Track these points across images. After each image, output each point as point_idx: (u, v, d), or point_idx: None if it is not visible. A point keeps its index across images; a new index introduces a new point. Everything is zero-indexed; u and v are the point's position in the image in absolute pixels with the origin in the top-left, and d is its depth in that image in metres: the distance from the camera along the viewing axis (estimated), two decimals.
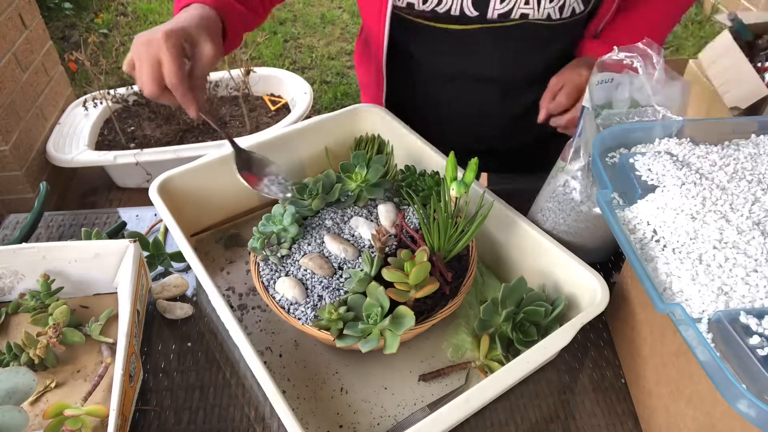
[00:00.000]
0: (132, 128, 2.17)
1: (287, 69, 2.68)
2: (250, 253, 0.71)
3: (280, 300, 0.66)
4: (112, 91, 2.11)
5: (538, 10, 0.75)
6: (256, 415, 0.67)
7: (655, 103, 0.67)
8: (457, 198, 0.65)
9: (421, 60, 0.90)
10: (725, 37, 1.91)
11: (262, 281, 0.68)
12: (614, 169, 0.64)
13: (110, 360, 0.68)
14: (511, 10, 0.75)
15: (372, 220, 0.75)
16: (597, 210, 0.69)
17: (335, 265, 0.69)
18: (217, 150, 0.82)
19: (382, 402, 0.67)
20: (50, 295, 0.74)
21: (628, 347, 0.69)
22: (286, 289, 0.66)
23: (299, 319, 0.64)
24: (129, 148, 2.06)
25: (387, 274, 0.62)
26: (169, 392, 0.69)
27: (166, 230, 0.89)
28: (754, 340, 0.46)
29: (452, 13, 0.77)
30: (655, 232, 0.57)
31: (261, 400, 0.68)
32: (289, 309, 0.65)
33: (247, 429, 0.66)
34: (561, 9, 0.75)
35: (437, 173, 0.77)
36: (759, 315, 0.48)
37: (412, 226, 0.72)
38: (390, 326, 0.61)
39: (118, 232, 0.88)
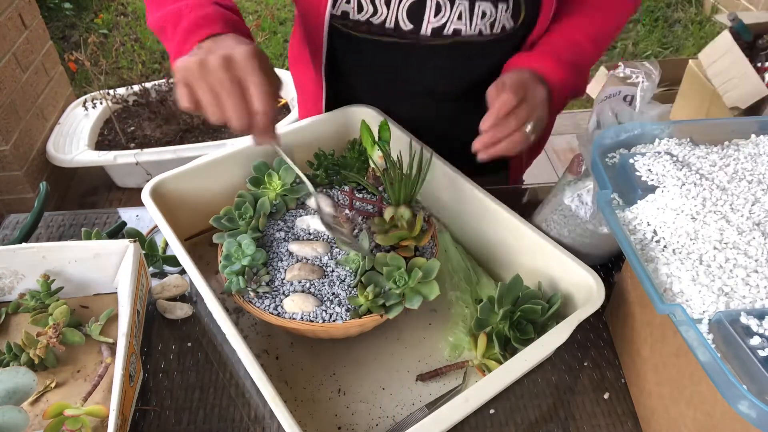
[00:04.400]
0: (132, 128, 2.17)
1: (287, 69, 2.68)
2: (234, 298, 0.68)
3: (302, 317, 0.65)
4: (111, 91, 2.11)
5: (470, 26, 0.75)
6: (255, 415, 0.67)
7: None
8: (383, 157, 0.71)
9: (358, 71, 0.90)
10: (725, 37, 1.91)
11: (271, 313, 0.66)
12: (614, 169, 0.64)
13: (110, 360, 0.68)
14: (445, 24, 0.76)
15: (313, 214, 0.76)
16: (604, 229, 0.69)
17: (319, 264, 0.69)
18: (216, 150, 0.82)
19: (380, 403, 0.67)
20: (50, 295, 0.74)
21: (628, 348, 0.69)
22: (298, 306, 0.65)
23: (335, 320, 0.64)
24: (129, 148, 2.06)
25: (389, 239, 0.67)
26: (169, 392, 0.69)
27: None
28: (755, 340, 0.46)
29: (387, 25, 0.77)
30: (655, 232, 0.57)
31: (260, 403, 0.68)
32: (319, 319, 0.65)
33: (247, 429, 0.66)
34: (492, 25, 0.75)
35: (354, 141, 0.80)
36: (759, 316, 0.48)
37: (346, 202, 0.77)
38: (421, 279, 0.65)
39: (118, 232, 0.87)
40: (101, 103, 2.13)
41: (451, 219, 0.85)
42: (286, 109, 2.27)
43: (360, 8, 0.76)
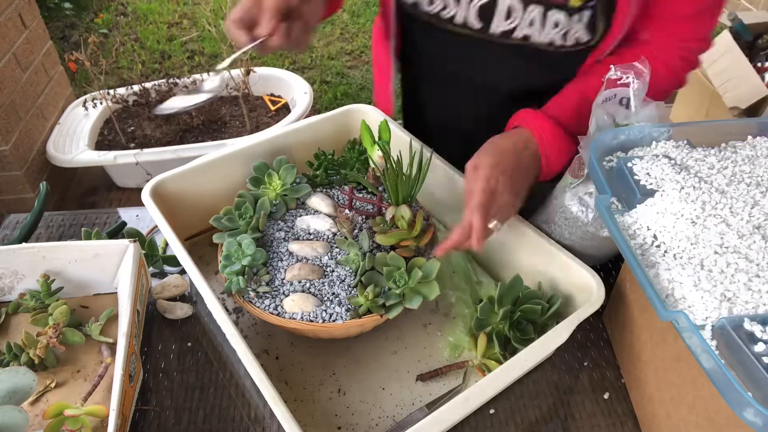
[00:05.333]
0: (132, 128, 2.17)
1: (287, 69, 2.68)
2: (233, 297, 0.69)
3: (303, 317, 0.65)
4: (111, 91, 2.11)
5: (541, 34, 0.73)
6: (255, 415, 0.67)
7: (635, 122, 0.67)
8: (383, 157, 0.72)
9: (426, 58, 0.89)
10: (725, 37, 1.91)
11: (271, 312, 0.66)
12: (612, 173, 0.64)
13: (110, 360, 0.68)
14: (515, 29, 0.74)
15: (314, 213, 0.76)
16: (605, 232, 0.69)
17: (319, 264, 0.69)
18: (216, 150, 0.82)
19: (380, 403, 0.67)
20: (50, 295, 0.74)
21: (627, 352, 0.69)
22: (298, 306, 0.65)
23: (336, 320, 0.64)
24: (129, 148, 2.06)
25: (389, 239, 0.67)
26: (169, 392, 0.69)
27: None
28: (759, 347, 0.45)
29: (455, 21, 0.76)
30: (655, 237, 0.56)
31: (260, 403, 0.68)
32: (319, 319, 0.65)
33: (247, 429, 0.66)
34: (565, 36, 0.72)
35: (354, 141, 0.81)
36: (763, 321, 0.47)
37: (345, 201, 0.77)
38: (421, 279, 0.65)
39: (118, 232, 0.87)
40: (101, 103, 2.12)
41: (451, 219, 0.85)
42: (286, 109, 2.27)
43: (431, 1, 0.76)
